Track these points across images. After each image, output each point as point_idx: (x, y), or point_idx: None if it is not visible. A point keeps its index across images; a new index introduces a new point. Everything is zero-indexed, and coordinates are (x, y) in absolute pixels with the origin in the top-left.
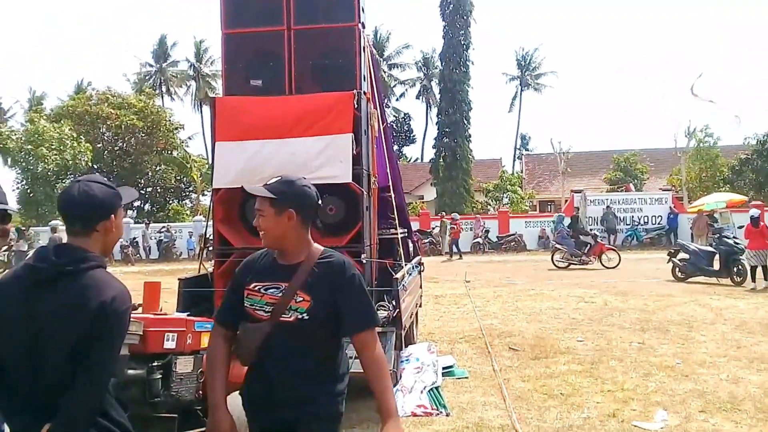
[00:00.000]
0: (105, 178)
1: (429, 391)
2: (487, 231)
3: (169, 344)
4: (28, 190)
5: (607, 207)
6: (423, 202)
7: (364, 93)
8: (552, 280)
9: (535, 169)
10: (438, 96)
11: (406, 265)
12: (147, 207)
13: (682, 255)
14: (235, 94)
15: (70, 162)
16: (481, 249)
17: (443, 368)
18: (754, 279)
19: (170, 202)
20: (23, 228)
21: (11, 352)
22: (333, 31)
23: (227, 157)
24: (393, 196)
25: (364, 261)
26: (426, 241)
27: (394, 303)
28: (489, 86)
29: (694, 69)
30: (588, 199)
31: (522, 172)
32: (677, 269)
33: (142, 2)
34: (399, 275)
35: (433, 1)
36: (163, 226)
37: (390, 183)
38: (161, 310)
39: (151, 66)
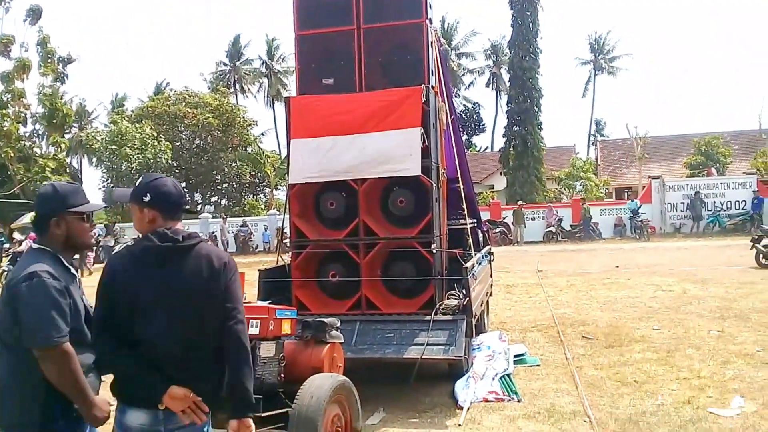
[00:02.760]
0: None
1: (500, 378)
2: (560, 219)
3: (253, 330)
4: (113, 188)
5: (696, 193)
6: (493, 192)
7: (432, 87)
8: (628, 269)
9: (610, 156)
10: (507, 84)
11: (475, 254)
12: (224, 202)
13: (766, 241)
14: (308, 92)
15: (152, 160)
16: (554, 238)
17: (515, 356)
18: None
19: (245, 196)
20: (110, 225)
21: (150, 321)
22: (401, 28)
23: (302, 153)
24: (462, 187)
25: (434, 251)
26: (497, 231)
27: (464, 291)
28: (561, 72)
29: None
30: (667, 185)
31: (597, 158)
32: (761, 255)
33: (217, 3)
34: (468, 264)
35: None
36: (243, 221)
37: (458, 174)
38: (245, 298)
39: (225, 65)
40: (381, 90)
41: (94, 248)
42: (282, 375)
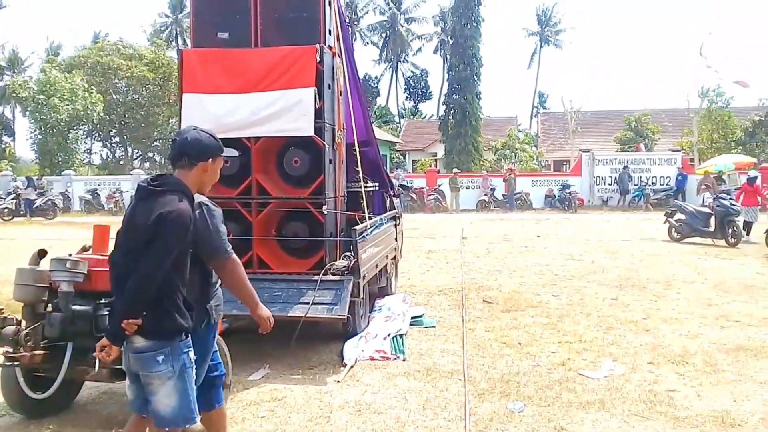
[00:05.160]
0: (207, 132)
1: (393, 338)
2: (494, 189)
3: None
4: (42, 140)
5: (624, 167)
6: (434, 159)
7: (329, 47)
8: (548, 239)
9: (550, 128)
10: (448, 52)
11: (373, 218)
12: (158, 158)
13: (678, 216)
14: (204, 46)
15: (82, 112)
16: (487, 207)
17: (412, 318)
18: (749, 234)
19: None
20: (36, 177)
21: (116, 248)
22: None
23: (194, 109)
24: (358, 149)
25: (326, 212)
26: (432, 197)
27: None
28: (508, 43)
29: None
30: (597, 159)
31: (537, 131)
32: (673, 229)
33: None
34: (359, 227)
35: None
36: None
37: (355, 137)
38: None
39: (167, 17)
40: (275, 47)
41: (14, 200)
42: None
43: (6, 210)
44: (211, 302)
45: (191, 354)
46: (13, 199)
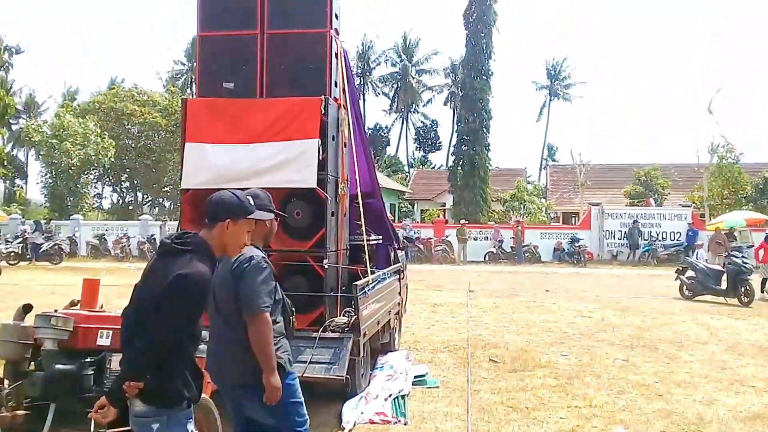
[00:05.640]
0: (237, 191)
1: (394, 399)
2: (501, 241)
3: (103, 341)
4: (53, 184)
5: (634, 221)
6: (442, 209)
7: (335, 99)
8: (557, 293)
9: (559, 180)
10: (458, 104)
11: (376, 272)
12: (167, 204)
13: (690, 273)
14: (209, 95)
15: (93, 157)
16: (494, 259)
17: (415, 377)
18: (763, 290)
19: None
20: (44, 221)
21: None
22: (305, 36)
23: (196, 158)
24: (360, 202)
25: (327, 266)
26: (439, 248)
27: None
28: (518, 96)
29: (719, 83)
30: (606, 213)
31: (546, 183)
32: (684, 287)
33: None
34: (361, 282)
35: (460, 9)
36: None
37: (358, 189)
38: (101, 307)
39: (183, 64)
40: (280, 98)
41: (20, 244)
42: None
43: (12, 254)
44: (277, 352)
45: (191, 426)
46: (20, 243)
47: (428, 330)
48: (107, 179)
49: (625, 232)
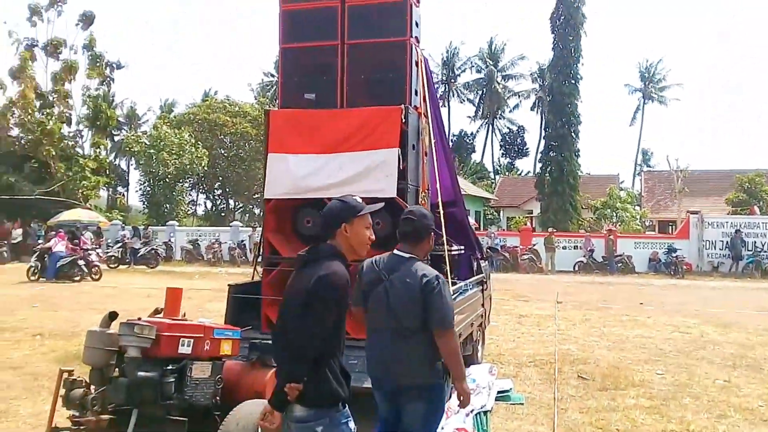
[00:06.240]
0: (348, 197)
1: (476, 415)
2: (592, 251)
3: (185, 349)
4: (151, 191)
5: (736, 231)
6: (528, 217)
7: (415, 107)
8: (652, 307)
9: (654, 187)
10: (546, 109)
11: (457, 283)
12: (257, 211)
13: None
14: (290, 106)
15: (188, 166)
16: (585, 269)
17: (499, 392)
18: None
19: None
20: (142, 227)
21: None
22: (385, 45)
23: (278, 169)
24: (442, 212)
25: None
26: (525, 257)
27: None
28: (609, 99)
29: None
30: (706, 222)
31: (641, 189)
32: None
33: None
34: None
35: (546, 13)
36: None
37: (439, 198)
38: (183, 315)
39: (272, 76)
40: (360, 108)
41: (120, 249)
42: (218, 397)
43: (112, 258)
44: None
45: (351, 424)
46: (120, 247)
47: (513, 343)
48: (201, 187)
49: (726, 242)
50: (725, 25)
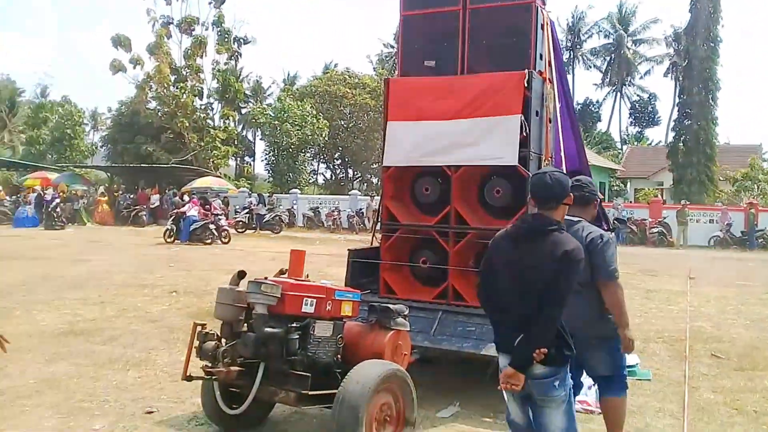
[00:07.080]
0: (560, 169)
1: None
2: (730, 225)
3: (308, 308)
4: (275, 161)
5: None
6: (660, 188)
7: (539, 72)
8: None
9: None
10: (681, 74)
11: None
12: (375, 181)
13: None
14: (410, 74)
15: (310, 137)
16: (721, 244)
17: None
18: None
19: None
20: (267, 194)
21: (505, 286)
22: (509, 8)
23: (398, 136)
24: None
25: None
26: (655, 231)
27: None
28: (753, 64)
29: None
30: None
31: None
32: None
33: None
34: None
35: None
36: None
37: (563, 167)
38: (306, 276)
39: (392, 47)
40: (482, 74)
41: (247, 215)
42: (339, 356)
43: (240, 223)
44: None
45: (569, 378)
46: (246, 213)
47: (640, 318)
48: (321, 157)
49: None
50: None
